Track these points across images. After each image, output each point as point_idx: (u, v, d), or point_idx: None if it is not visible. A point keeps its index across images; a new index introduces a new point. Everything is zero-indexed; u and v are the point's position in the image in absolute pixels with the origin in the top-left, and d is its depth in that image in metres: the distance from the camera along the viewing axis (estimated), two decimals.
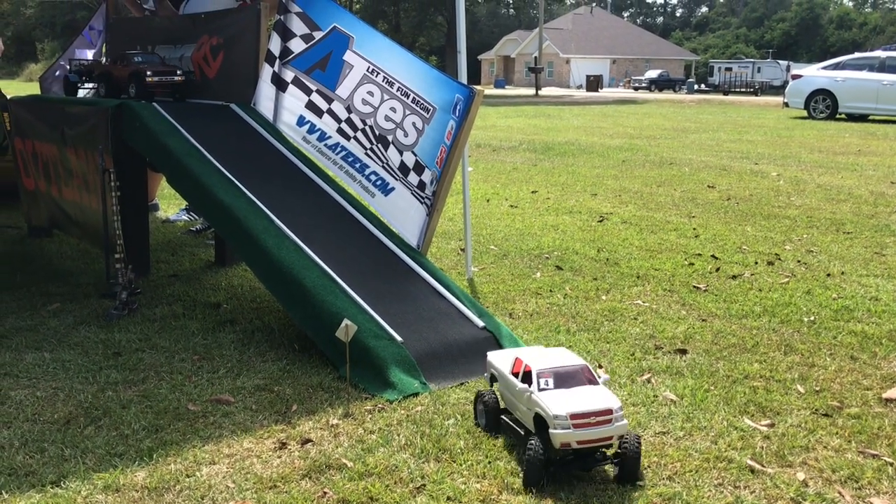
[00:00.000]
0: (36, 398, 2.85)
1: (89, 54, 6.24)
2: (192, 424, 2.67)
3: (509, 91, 48.38)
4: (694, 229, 5.94)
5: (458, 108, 3.81)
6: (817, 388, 3.04)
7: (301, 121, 4.38)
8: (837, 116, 18.69)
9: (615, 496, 2.26)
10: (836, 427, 2.72)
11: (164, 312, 3.83)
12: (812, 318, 3.86)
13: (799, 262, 5.00)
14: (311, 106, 4.33)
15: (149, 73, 4.51)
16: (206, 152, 3.90)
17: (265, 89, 4.46)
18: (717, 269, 4.77)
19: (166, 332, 3.57)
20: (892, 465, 2.46)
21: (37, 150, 4.75)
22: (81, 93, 6.23)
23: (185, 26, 5.09)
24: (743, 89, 44.95)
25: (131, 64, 4.62)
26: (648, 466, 2.42)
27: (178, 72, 4.65)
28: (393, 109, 4.02)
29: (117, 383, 2.99)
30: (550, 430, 2.27)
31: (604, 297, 4.17)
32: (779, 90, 39.00)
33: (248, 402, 2.85)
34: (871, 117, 18.72)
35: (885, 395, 2.98)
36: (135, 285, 3.86)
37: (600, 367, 3.21)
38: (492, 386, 2.72)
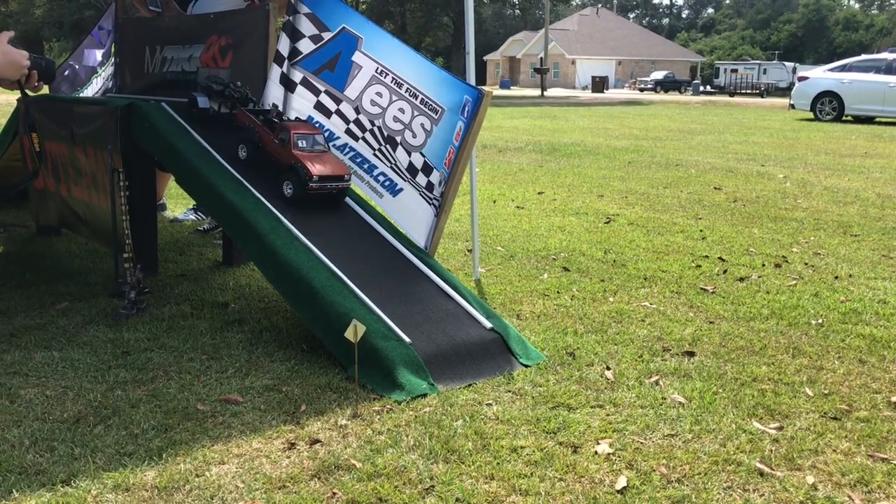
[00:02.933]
0: (45, 397, 2.86)
1: (98, 54, 6.26)
2: (202, 424, 2.67)
3: (515, 92, 48.37)
4: (701, 231, 5.93)
5: (467, 109, 3.81)
6: (826, 391, 3.03)
7: (310, 121, 4.39)
8: (844, 118, 18.65)
9: (623, 499, 2.26)
10: (845, 430, 2.71)
11: (173, 312, 3.84)
12: (820, 321, 3.86)
13: (806, 264, 4.99)
14: (319, 107, 4.33)
15: (315, 176, 3.67)
16: (214, 153, 3.92)
17: (274, 90, 4.47)
18: (725, 272, 4.77)
19: (175, 331, 3.57)
20: None
21: (46, 148, 4.77)
22: (89, 92, 6.25)
23: (193, 26, 5.10)
24: (749, 91, 44.90)
25: (292, 146, 3.78)
26: (657, 469, 2.42)
27: (347, 176, 3.83)
28: (401, 110, 4.02)
29: (126, 382, 3.00)
30: None
31: (611, 299, 4.17)
32: (785, 92, 38.93)
33: (257, 402, 2.86)
34: (877, 119, 18.69)
35: (893, 399, 2.97)
36: (143, 285, 3.87)
37: (608, 369, 3.21)
38: None
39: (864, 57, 20.79)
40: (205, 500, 2.22)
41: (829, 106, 18.71)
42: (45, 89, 3.75)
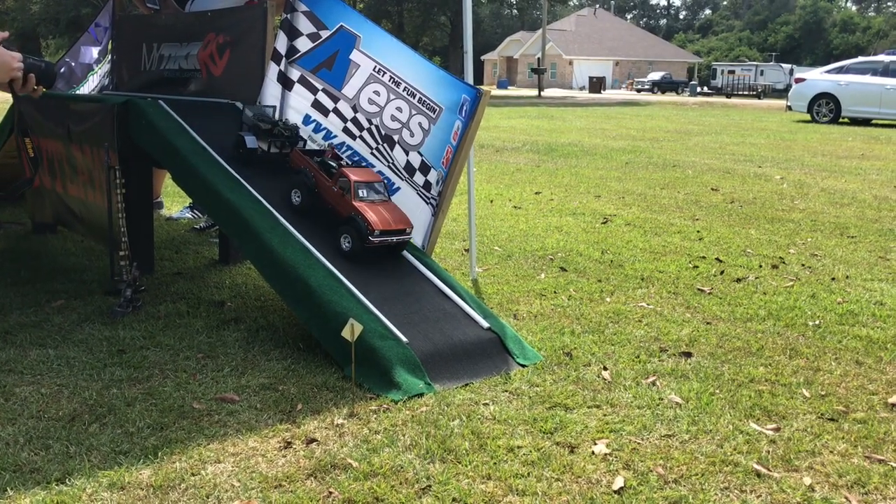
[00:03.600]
0: (40, 395, 2.85)
1: (95, 51, 6.24)
2: (197, 423, 2.66)
3: (512, 92, 48.39)
4: (698, 232, 5.93)
5: (465, 108, 3.80)
6: (823, 393, 3.03)
7: (307, 119, 4.38)
8: (841, 120, 18.69)
9: (621, 499, 2.26)
10: (842, 432, 2.71)
11: (169, 310, 3.83)
12: (817, 322, 3.86)
13: (803, 265, 5.00)
14: (317, 105, 4.32)
15: (377, 230, 3.42)
16: (212, 151, 3.90)
17: (271, 88, 4.46)
18: (722, 272, 4.77)
19: (171, 329, 3.56)
20: None
21: (42, 146, 4.75)
22: (85, 89, 6.23)
23: (191, 24, 5.08)
24: (746, 92, 44.96)
25: (353, 196, 3.51)
26: (654, 469, 2.41)
27: (409, 229, 3.58)
28: (399, 109, 4.02)
29: (122, 381, 2.99)
30: None
31: (608, 299, 4.17)
32: (782, 93, 39.01)
33: (253, 400, 2.85)
34: (874, 121, 18.72)
35: (890, 400, 2.97)
36: (139, 282, 3.86)
37: (605, 369, 3.20)
38: None
39: (860, 59, 20.82)
40: (200, 499, 2.21)
41: (825, 108, 18.74)
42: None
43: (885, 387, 3.10)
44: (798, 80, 20.39)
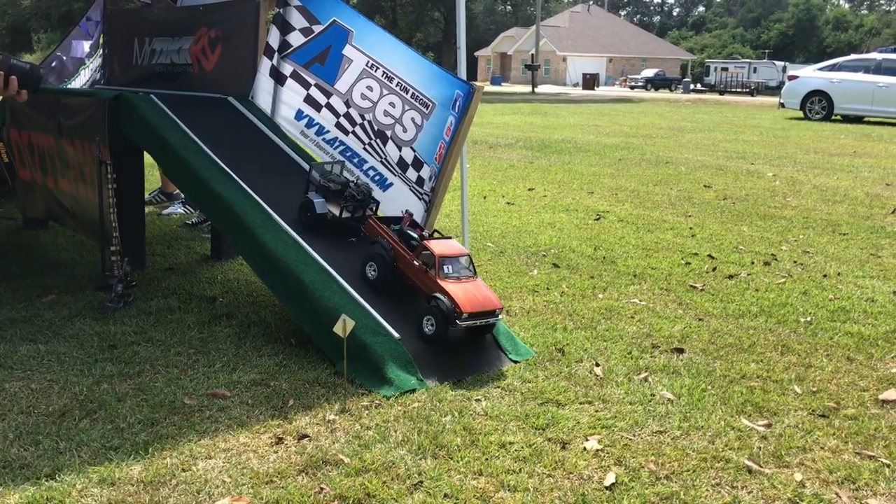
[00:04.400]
0: (30, 390, 2.83)
1: (86, 45, 6.21)
2: (188, 418, 2.65)
3: (506, 88, 48.37)
4: (690, 228, 5.94)
5: (458, 104, 3.79)
6: (814, 389, 3.04)
7: (299, 115, 4.37)
8: (833, 118, 18.74)
9: (612, 495, 2.26)
10: (833, 428, 2.72)
11: (160, 306, 3.81)
12: (809, 319, 3.87)
13: (795, 262, 5.01)
14: (309, 100, 4.31)
15: (465, 313, 3.03)
16: (203, 146, 3.89)
17: (263, 83, 4.45)
18: (714, 269, 4.77)
19: (162, 325, 3.55)
20: (888, 466, 2.47)
21: (32, 140, 4.72)
22: (77, 83, 6.20)
23: (183, 18, 5.06)
24: (739, 89, 45.04)
25: (437, 273, 3.12)
26: (645, 465, 2.42)
27: (499, 310, 3.14)
28: (392, 104, 4.01)
29: (113, 376, 2.98)
30: None
31: (600, 296, 4.17)
32: (775, 91, 39.06)
33: (245, 396, 2.84)
34: (866, 119, 18.77)
35: (881, 397, 2.98)
36: (130, 278, 3.85)
37: (597, 365, 3.20)
38: None
39: (853, 57, 20.87)
40: (191, 495, 2.20)
41: (818, 105, 18.78)
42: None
43: (875, 383, 3.11)
44: (791, 78, 20.43)
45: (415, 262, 3.17)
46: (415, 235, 3.28)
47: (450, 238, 3.32)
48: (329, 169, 3.63)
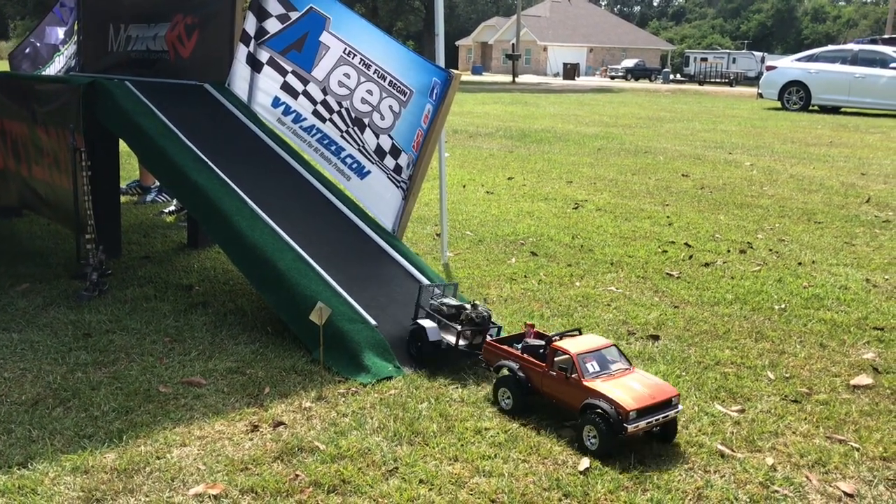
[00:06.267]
0: (3, 379, 2.81)
1: (60, 32, 6.14)
2: (163, 406, 2.64)
3: (486, 77, 48.31)
4: (668, 217, 5.97)
5: (436, 91, 3.79)
6: (787, 375, 3.07)
7: (276, 102, 4.34)
8: (810, 108, 18.87)
9: (586, 479, 2.28)
10: (805, 413, 2.75)
11: (136, 294, 3.79)
12: (783, 306, 3.91)
13: (771, 250, 5.05)
14: (286, 87, 4.29)
15: (632, 412, 2.42)
16: (179, 133, 3.86)
17: (240, 70, 4.42)
18: (690, 257, 4.80)
19: (137, 313, 3.53)
20: (858, 450, 2.50)
21: (5, 127, 4.66)
22: (51, 70, 6.12)
23: (159, 4, 5.01)
24: (718, 80, 45.23)
25: (581, 376, 2.55)
26: (619, 450, 2.43)
27: (675, 398, 2.51)
28: (370, 92, 3.99)
29: (87, 364, 2.95)
30: None
31: (578, 284, 4.18)
32: (753, 81, 39.28)
33: (220, 384, 2.83)
34: (843, 109, 18.93)
35: (852, 382, 3.02)
36: (105, 266, 3.81)
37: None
38: None
39: (830, 48, 21.00)
40: (165, 483, 2.20)
41: (796, 95, 18.90)
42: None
43: (847, 369, 3.15)
44: (769, 68, 20.52)
45: (551, 372, 2.61)
46: (540, 343, 2.79)
47: (578, 330, 2.79)
48: (441, 291, 3.21)
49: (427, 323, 3.02)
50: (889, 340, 3.48)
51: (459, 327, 3.00)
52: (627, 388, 2.48)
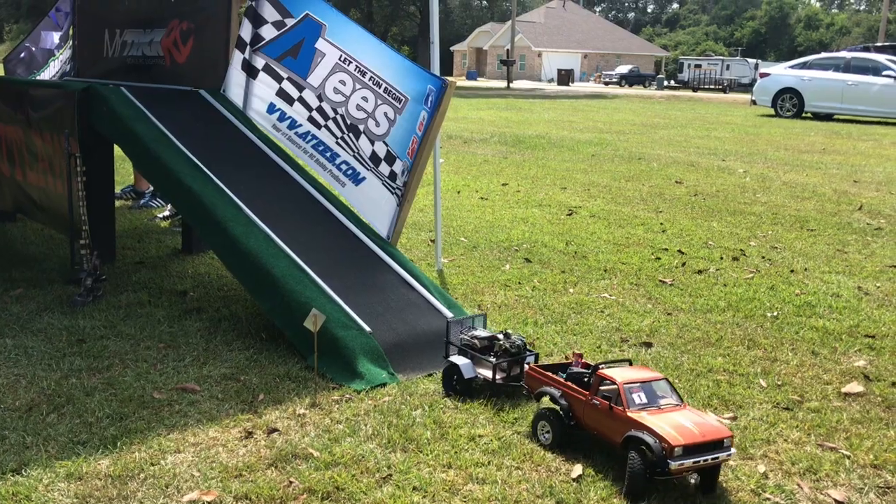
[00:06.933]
0: None
1: (56, 37, 6.14)
2: (157, 413, 2.65)
3: (481, 83, 48.38)
4: (661, 224, 5.99)
5: (431, 98, 3.80)
6: (779, 383, 3.09)
7: (271, 108, 4.35)
8: (803, 115, 18.94)
9: (579, 487, 2.29)
10: (797, 420, 2.77)
11: (130, 300, 3.79)
12: (775, 314, 3.93)
13: (763, 258, 5.07)
14: (281, 93, 4.30)
15: (678, 448, 2.24)
16: (174, 139, 3.86)
17: (235, 76, 4.43)
18: (684, 264, 4.83)
19: (131, 319, 3.53)
20: (849, 457, 2.52)
21: (0, 132, 4.67)
22: (46, 75, 6.12)
23: (154, 10, 5.02)
24: (712, 86, 45.36)
25: (626, 407, 2.37)
26: (612, 458, 2.44)
27: (727, 439, 2.32)
28: (365, 99, 4.01)
29: (81, 370, 2.96)
30: None
31: (571, 290, 4.20)
32: (747, 88, 39.39)
33: (215, 390, 2.83)
34: (835, 116, 19.00)
35: (844, 390, 3.04)
36: (100, 272, 3.81)
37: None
38: None
39: (824, 55, 21.10)
40: (159, 489, 2.20)
41: (789, 102, 18.98)
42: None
43: (839, 376, 3.17)
44: (763, 75, 20.61)
45: (594, 401, 2.45)
46: (585, 371, 2.64)
47: (629, 361, 2.64)
48: (470, 323, 3.07)
49: (460, 360, 2.88)
50: (880, 348, 3.51)
51: (494, 360, 2.84)
52: (675, 423, 2.29)
